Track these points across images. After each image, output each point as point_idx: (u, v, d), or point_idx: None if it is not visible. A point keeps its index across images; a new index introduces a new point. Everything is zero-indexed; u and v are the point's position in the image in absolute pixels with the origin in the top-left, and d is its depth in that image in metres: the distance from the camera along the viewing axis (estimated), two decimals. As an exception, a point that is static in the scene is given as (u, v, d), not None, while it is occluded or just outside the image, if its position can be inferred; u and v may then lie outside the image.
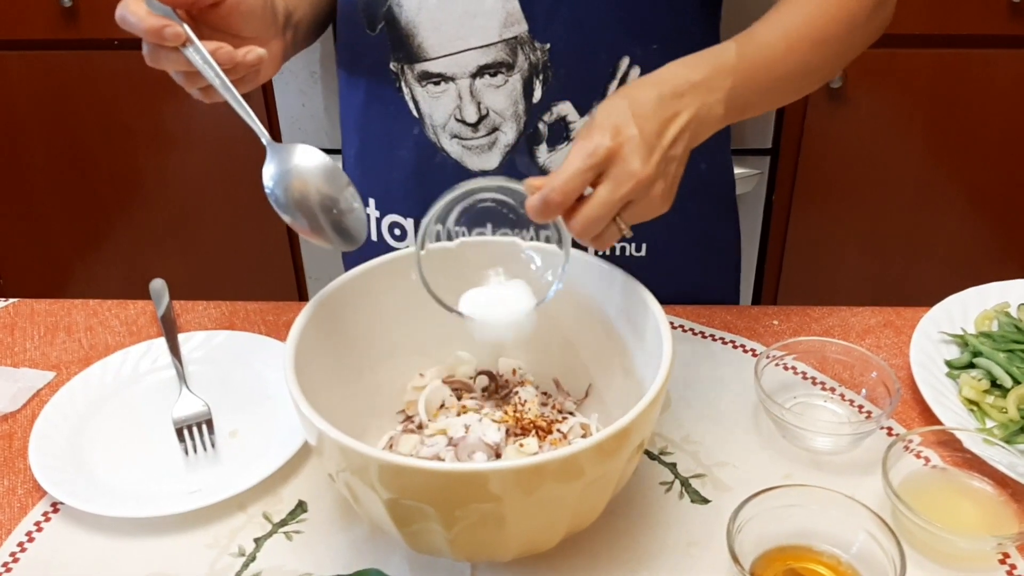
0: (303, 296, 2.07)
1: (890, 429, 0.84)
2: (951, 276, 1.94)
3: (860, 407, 0.85)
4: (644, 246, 0.98)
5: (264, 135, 0.73)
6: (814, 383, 0.88)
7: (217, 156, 1.90)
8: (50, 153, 1.93)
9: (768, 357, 0.86)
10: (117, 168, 1.94)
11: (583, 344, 0.82)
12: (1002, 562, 0.72)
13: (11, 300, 1.02)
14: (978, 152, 1.80)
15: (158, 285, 0.99)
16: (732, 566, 0.67)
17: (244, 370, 0.91)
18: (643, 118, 0.69)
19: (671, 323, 0.83)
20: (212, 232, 2.00)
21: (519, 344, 0.82)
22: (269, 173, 0.72)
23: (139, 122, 1.88)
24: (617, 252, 0.98)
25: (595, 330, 0.80)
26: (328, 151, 0.73)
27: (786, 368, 0.89)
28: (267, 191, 0.72)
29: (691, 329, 0.96)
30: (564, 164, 0.68)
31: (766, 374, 0.84)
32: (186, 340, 0.94)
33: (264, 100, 1.81)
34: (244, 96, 0.73)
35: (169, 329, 0.94)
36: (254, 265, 2.03)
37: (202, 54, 0.72)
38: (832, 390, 0.87)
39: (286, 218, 0.72)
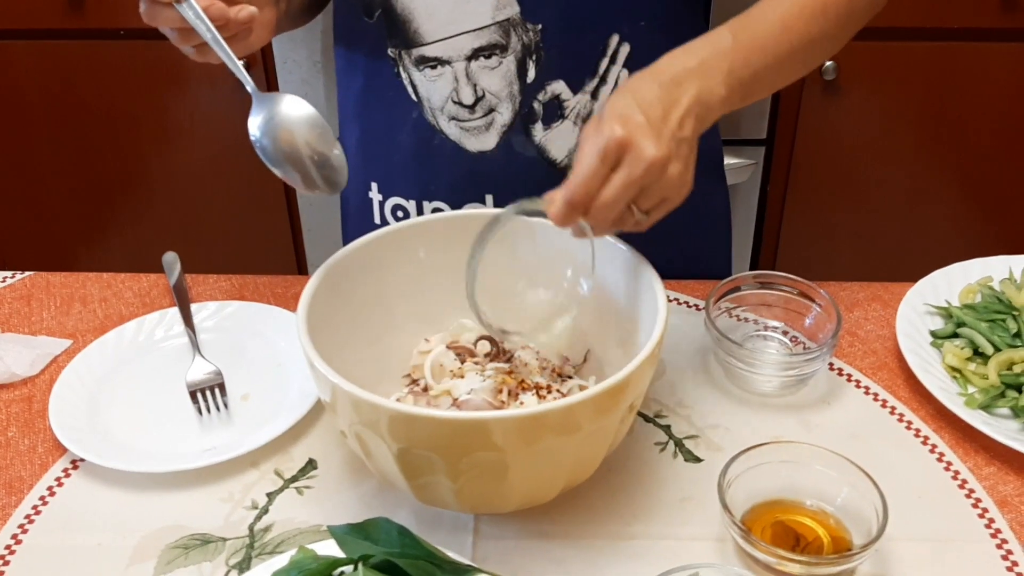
0: (305, 280, 2.09)
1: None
2: (942, 265, 1.96)
3: (804, 346, 0.91)
4: None
5: (249, 83, 0.77)
6: (765, 328, 0.93)
7: (221, 145, 1.92)
8: (56, 142, 1.95)
9: (719, 308, 0.91)
10: (122, 157, 1.96)
11: (582, 312, 0.85)
12: (986, 526, 0.76)
13: (27, 273, 1.05)
14: (970, 144, 1.83)
15: (170, 257, 1.02)
16: (724, 518, 0.71)
17: (255, 338, 0.94)
18: (648, 104, 0.71)
19: (668, 296, 0.86)
20: (214, 220, 2.02)
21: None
22: (256, 123, 0.76)
23: (144, 111, 1.90)
24: None
25: (594, 298, 0.83)
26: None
27: (738, 319, 0.93)
28: (253, 140, 0.76)
29: (686, 302, 0.99)
30: (577, 164, 0.70)
31: (718, 323, 0.88)
32: (198, 310, 0.97)
33: (268, 88, 1.84)
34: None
35: (182, 298, 0.97)
36: (256, 251, 2.06)
37: (195, 10, 0.75)
38: (783, 332, 0.92)
39: (275, 170, 0.76)
